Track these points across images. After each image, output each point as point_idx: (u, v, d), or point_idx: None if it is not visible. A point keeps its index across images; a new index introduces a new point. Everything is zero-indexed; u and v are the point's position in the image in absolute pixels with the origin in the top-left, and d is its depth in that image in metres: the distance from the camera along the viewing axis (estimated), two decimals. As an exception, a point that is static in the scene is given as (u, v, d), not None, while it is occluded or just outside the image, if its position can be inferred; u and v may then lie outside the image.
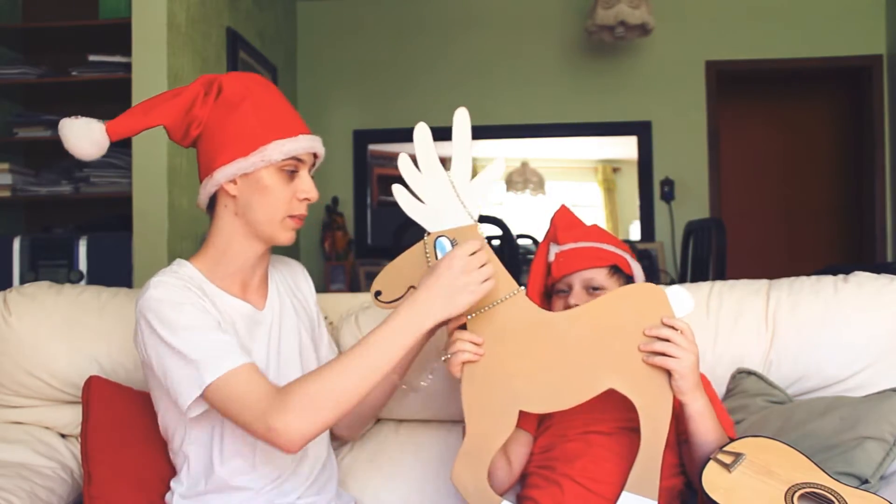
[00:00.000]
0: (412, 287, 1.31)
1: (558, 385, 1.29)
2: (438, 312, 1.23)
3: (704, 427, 1.30)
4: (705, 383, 1.42)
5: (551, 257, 1.51)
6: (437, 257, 1.30)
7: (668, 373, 1.26)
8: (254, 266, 1.40)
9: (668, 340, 1.26)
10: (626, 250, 1.53)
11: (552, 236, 1.53)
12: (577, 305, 1.41)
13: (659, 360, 1.26)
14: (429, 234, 1.32)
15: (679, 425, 1.39)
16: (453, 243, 1.30)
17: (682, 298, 1.29)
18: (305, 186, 1.35)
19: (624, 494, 1.27)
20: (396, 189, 1.33)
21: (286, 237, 1.36)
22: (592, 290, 1.47)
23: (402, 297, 1.32)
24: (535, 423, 1.47)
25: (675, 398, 1.28)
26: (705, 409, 1.30)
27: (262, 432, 1.18)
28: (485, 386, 1.30)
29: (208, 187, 1.35)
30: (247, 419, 1.20)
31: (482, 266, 1.25)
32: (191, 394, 1.21)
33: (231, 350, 1.23)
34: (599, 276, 1.48)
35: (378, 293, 1.33)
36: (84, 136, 1.29)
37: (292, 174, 1.34)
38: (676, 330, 1.27)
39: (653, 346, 1.27)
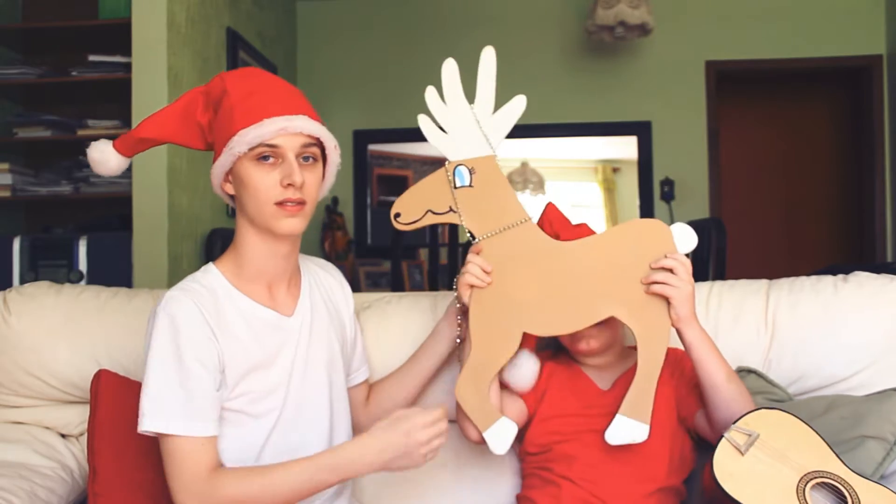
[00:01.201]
0: (430, 211, 1.39)
1: (562, 310, 1.36)
2: (377, 464, 1.24)
3: (706, 355, 1.33)
4: None
5: None
6: (455, 184, 1.39)
7: (668, 303, 1.31)
8: (277, 267, 1.36)
9: (670, 271, 1.31)
10: None
11: (553, 235, 1.51)
12: None
13: (659, 288, 1.32)
14: (449, 162, 1.40)
15: (686, 408, 1.40)
16: (471, 172, 1.39)
17: (686, 235, 1.35)
18: (286, 171, 1.27)
19: (617, 417, 1.31)
20: (421, 119, 1.40)
21: (283, 226, 1.30)
22: None
23: (419, 219, 1.40)
24: (533, 402, 1.47)
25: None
26: (702, 337, 1.34)
27: None
28: (491, 307, 1.37)
29: (217, 191, 1.36)
30: (172, 487, 1.24)
31: (436, 440, 1.26)
32: (141, 424, 1.24)
33: (197, 417, 1.24)
34: None
35: (397, 215, 1.40)
36: (100, 161, 1.36)
37: (272, 161, 1.28)
38: (676, 261, 1.32)
39: (654, 276, 1.32)
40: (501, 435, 1.36)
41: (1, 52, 3.68)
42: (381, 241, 4.92)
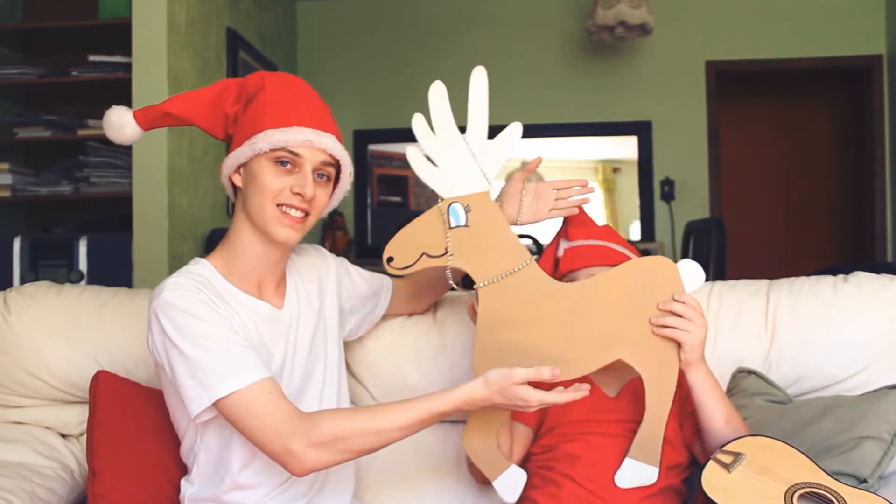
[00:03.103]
0: (425, 254, 1.29)
1: (569, 355, 1.29)
2: (480, 405, 1.21)
3: (707, 398, 1.32)
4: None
5: (560, 252, 1.51)
6: (450, 224, 1.28)
7: (678, 345, 1.28)
8: (267, 268, 1.36)
9: (679, 315, 1.28)
10: (635, 252, 1.53)
11: (563, 232, 1.54)
12: None
13: (669, 332, 1.28)
14: (442, 199, 1.30)
15: (685, 429, 1.40)
16: (467, 210, 1.29)
17: (694, 273, 1.31)
18: (300, 181, 1.28)
19: (627, 461, 1.30)
20: (410, 151, 1.29)
21: (279, 233, 1.30)
22: None
23: (414, 263, 1.30)
24: (536, 418, 1.47)
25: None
26: (705, 378, 1.32)
27: (278, 452, 1.18)
28: (495, 355, 1.30)
29: (224, 180, 1.35)
30: (265, 437, 1.19)
31: (533, 398, 1.19)
32: (199, 404, 1.20)
33: (248, 364, 1.21)
34: None
35: (390, 259, 1.31)
36: (116, 126, 1.34)
37: (289, 168, 1.29)
38: (687, 305, 1.29)
39: (664, 320, 1.28)
40: (511, 484, 1.32)
41: (1, 52, 3.68)
42: (381, 241, 4.90)
